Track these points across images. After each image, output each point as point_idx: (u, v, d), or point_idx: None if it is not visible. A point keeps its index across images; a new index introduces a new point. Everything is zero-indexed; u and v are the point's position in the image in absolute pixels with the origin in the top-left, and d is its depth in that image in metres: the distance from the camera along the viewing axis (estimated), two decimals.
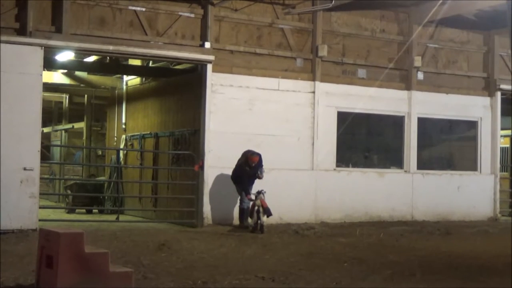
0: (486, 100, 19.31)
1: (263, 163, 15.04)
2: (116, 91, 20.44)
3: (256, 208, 14.24)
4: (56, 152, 24.79)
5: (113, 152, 19.72)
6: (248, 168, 14.87)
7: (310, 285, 8.95)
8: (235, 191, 15.11)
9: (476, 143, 19.27)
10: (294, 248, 12.20)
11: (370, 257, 11.43)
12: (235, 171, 14.98)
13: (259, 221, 14.15)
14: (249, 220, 14.66)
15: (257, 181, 15.00)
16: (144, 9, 14.89)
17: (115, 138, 20.06)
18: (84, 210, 18.39)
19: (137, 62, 18.19)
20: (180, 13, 15.27)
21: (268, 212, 14.29)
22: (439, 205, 18.17)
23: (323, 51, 16.67)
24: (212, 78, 15.44)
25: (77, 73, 20.14)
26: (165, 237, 12.62)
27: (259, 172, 14.92)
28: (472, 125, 19.38)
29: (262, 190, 14.53)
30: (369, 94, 17.42)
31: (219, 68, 15.57)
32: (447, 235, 15.09)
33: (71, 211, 18.18)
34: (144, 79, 19.08)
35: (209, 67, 15.36)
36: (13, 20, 13.67)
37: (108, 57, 17.78)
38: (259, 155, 14.92)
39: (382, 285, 9.12)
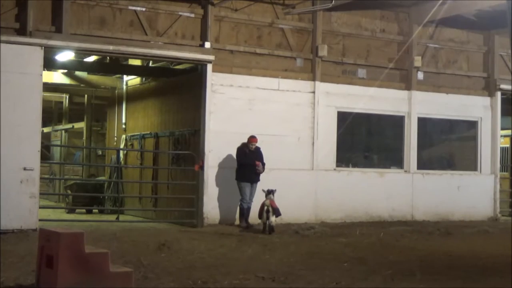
0: (486, 100, 19.31)
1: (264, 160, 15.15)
2: (116, 91, 20.44)
3: (265, 208, 14.23)
4: (56, 152, 24.79)
5: (113, 152, 19.72)
6: (248, 150, 14.94)
7: (310, 285, 8.95)
8: (235, 191, 15.12)
9: (476, 143, 19.27)
10: (294, 248, 12.21)
11: (370, 257, 11.44)
12: (236, 156, 15.07)
13: (268, 221, 14.15)
14: (250, 220, 14.66)
15: (263, 181, 15.01)
16: (144, 9, 14.89)
17: (115, 138, 20.06)
18: (84, 210, 18.39)
19: (137, 62, 18.19)
20: (180, 13, 15.27)
21: (277, 213, 14.30)
22: (439, 205, 18.17)
23: (323, 51, 16.67)
24: (212, 78, 15.44)
25: (77, 73, 20.14)
26: (165, 237, 12.61)
27: (259, 167, 14.93)
28: (472, 125, 19.39)
29: (273, 189, 14.51)
30: (369, 94, 17.43)
31: (219, 68, 15.57)
32: (447, 235, 15.09)
33: (71, 211, 18.18)
34: (144, 79, 19.08)
35: (209, 67, 15.36)
36: (13, 20, 13.66)
37: (108, 57, 17.79)
38: (259, 148, 15.05)
39: (382, 285, 9.12)
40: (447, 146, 19.57)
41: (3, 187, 13.00)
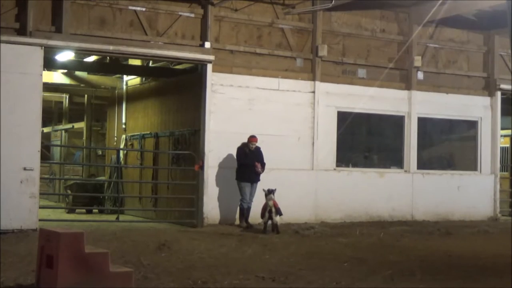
0: (486, 100, 19.31)
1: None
2: (116, 91, 20.44)
3: (268, 208, 14.22)
4: (56, 152, 24.79)
5: (113, 152, 19.71)
6: (248, 150, 14.96)
7: (310, 285, 8.94)
8: (235, 191, 15.12)
9: (476, 143, 19.27)
10: (294, 248, 12.21)
11: (370, 257, 11.44)
12: (237, 156, 15.10)
13: (270, 221, 14.15)
14: (251, 220, 14.64)
15: (263, 180, 15.03)
16: (144, 9, 14.88)
17: (115, 138, 20.06)
18: (84, 210, 18.38)
19: (137, 62, 18.19)
20: (180, 13, 15.27)
21: (279, 212, 14.31)
22: (439, 205, 18.17)
23: (323, 51, 16.67)
24: (212, 78, 15.44)
25: (77, 73, 20.13)
26: (165, 237, 12.62)
27: (258, 168, 14.92)
28: (472, 125, 19.39)
29: (273, 189, 14.54)
30: (369, 94, 17.42)
31: (219, 68, 15.57)
32: (447, 235, 15.09)
33: (71, 211, 18.18)
34: (144, 79, 19.08)
35: (209, 67, 15.35)
36: (13, 20, 13.66)
37: (108, 57, 17.78)
38: (259, 148, 15.09)
39: (382, 285, 9.12)
40: (447, 146, 19.57)
41: (3, 187, 12.99)
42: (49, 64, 16.53)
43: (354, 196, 16.97)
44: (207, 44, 15.36)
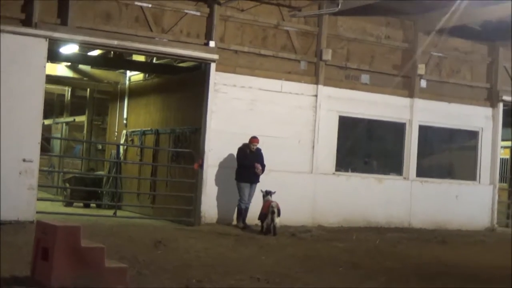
0: (488, 110, 19.30)
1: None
2: (119, 86, 20.43)
3: (271, 209, 14.17)
4: (56, 144, 24.78)
5: (113, 147, 19.71)
6: (249, 151, 14.96)
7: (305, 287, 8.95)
8: (234, 191, 15.10)
9: (476, 153, 19.26)
10: (290, 251, 12.21)
11: (366, 262, 11.44)
12: (237, 157, 15.09)
13: (273, 223, 14.12)
14: (248, 220, 14.62)
15: (262, 182, 15.03)
16: (150, 5, 14.88)
17: (116, 133, 20.06)
18: (81, 204, 18.37)
19: (141, 58, 18.19)
20: (186, 11, 15.26)
21: (279, 213, 14.31)
22: (437, 213, 18.15)
23: (327, 55, 16.66)
24: (215, 77, 15.43)
25: (81, 66, 20.13)
26: (161, 235, 12.62)
27: (258, 170, 14.92)
28: (473, 135, 19.37)
29: (271, 191, 14.55)
30: (371, 100, 17.41)
31: (223, 67, 15.56)
32: (443, 243, 15.09)
33: (68, 204, 18.17)
34: (147, 75, 19.08)
35: (213, 66, 15.34)
36: (19, 11, 13.63)
37: (112, 52, 17.77)
38: (260, 149, 15.08)
39: None
40: (447, 155, 19.56)
41: (2, 178, 12.95)
42: (53, 56, 16.49)
43: (352, 201, 16.95)
44: (212, 43, 15.36)
